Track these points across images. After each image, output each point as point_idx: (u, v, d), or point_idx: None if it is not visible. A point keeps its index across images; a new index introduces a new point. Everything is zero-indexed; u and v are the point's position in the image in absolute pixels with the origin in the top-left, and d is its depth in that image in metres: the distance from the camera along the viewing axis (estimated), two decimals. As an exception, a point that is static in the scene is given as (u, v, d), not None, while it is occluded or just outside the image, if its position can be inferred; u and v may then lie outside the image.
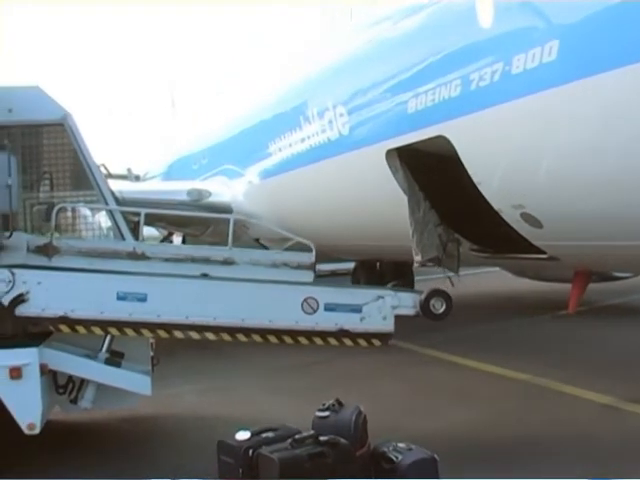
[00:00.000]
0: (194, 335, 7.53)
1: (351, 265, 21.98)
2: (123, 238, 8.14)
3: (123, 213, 8.59)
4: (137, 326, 7.45)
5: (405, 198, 9.62)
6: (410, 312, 7.74)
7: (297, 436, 5.75)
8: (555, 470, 6.54)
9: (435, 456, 5.99)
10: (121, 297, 7.31)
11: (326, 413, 6.26)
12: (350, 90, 11.22)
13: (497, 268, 16.40)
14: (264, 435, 5.95)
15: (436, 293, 7.80)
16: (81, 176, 8.20)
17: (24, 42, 68.89)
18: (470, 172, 8.43)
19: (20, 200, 8.11)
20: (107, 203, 8.19)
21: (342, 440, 5.81)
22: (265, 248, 16.33)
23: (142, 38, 73.47)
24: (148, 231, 20.22)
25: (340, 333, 7.62)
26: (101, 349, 7.76)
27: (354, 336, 7.66)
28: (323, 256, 17.91)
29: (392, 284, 8.23)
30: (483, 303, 19.59)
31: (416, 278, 20.30)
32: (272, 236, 16.12)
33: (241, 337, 7.60)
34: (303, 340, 7.69)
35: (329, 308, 7.55)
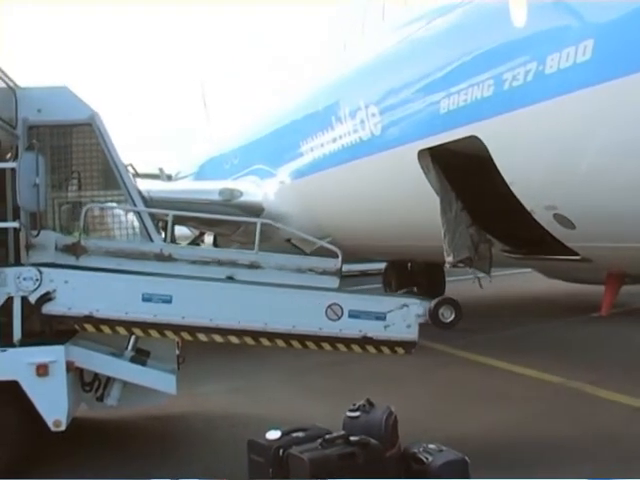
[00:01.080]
0: (217, 338, 7.56)
1: (382, 265, 21.93)
2: (151, 239, 8.18)
3: (152, 214, 8.63)
4: (161, 327, 7.48)
5: (437, 198, 9.59)
6: (419, 320, 7.69)
7: (327, 436, 5.74)
8: (587, 473, 6.47)
9: (466, 458, 5.95)
10: (146, 298, 7.37)
11: (357, 413, 6.25)
12: (382, 90, 11.19)
13: (529, 269, 16.28)
14: (294, 435, 5.95)
15: (445, 301, 7.77)
16: (108, 175, 8.24)
17: (51, 42, 69.61)
18: (502, 172, 8.38)
19: (49, 199, 8.13)
20: (134, 203, 8.21)
21: (372, 440, 5.79)
22: (297, 248, 16.35)
23: (173, 38, 73.89)
24: (179, 230, 20.37)
25: (364, 340, 7.60)
26: (127, 347, 7.82)
27: (377, 344, 7.64)
28: (354, 256, 17.96)
29: (403, 291, 8.20)
30: (515, 305, 19.46)
31: (447, 279, 20.24)
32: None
33: (264, 341, 7.61)
34: (326, 346, 7.68)
35: (353, 315, 7.53)
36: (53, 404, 7.08)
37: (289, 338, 7.58)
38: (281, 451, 5.72)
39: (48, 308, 7.29)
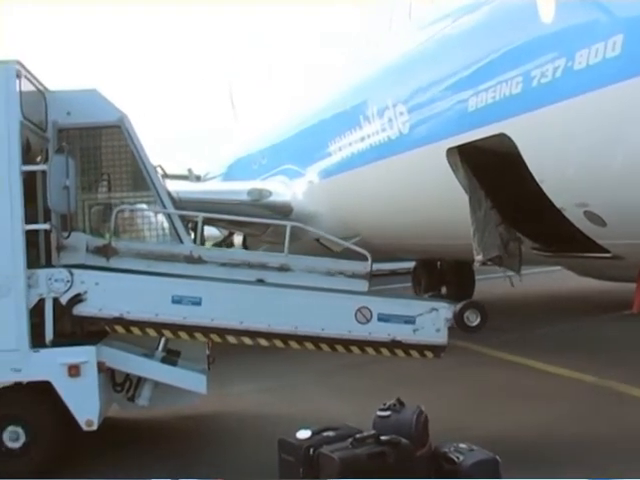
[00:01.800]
0: (247, 341, 7.56)
1: (411, 264, 21.87)
2: (181, 241, 8.20)
3: (182, 215, 8.66)
4: (191, 330, 7.52)
5: (466, 197, 9.55)
6: (447, 324, 7.65)
7: (358, 435, 5.73)
8: (619, 472, 6.41)
9: (497, 457, 5.93)
10: (176, 300, 7.41)
11: (387, 413, 6.24)
12: (410, 88, 11.18)
13: (559, 267, 16.16)
14: (325, 434, 5.95)
15: (471, 305, 7.72)
16: (138, 177, 8.27)
17: (77, 44, 70.09)
18: (532, 170, 8.33)
19: (79, 201, 8.18)
20: (164, 204, 8.23)
21: (403, 440, 5.78)
22: (326, 248, 16.36)
23: (200, 38, 74.04)
24: (208, 230, 20.44)
25: (393, 344, 7.58)
26: (157, 348, 7.87)
27: (407, 347, 7.62)
28: (383, 255, 17.93)
29: (429, 295, 8.16)
30: (545, 303, 19.34)
31: (477, 277, 20.14)
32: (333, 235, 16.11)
33: (294, 344, 7.61)
34: (355, 349, 7.66)
35: (382, 318, 7.52)
36: (85, 404, 7.16)
37: (318, 341, 7.59)
38: (311, 450, 5.72)
39: (79, 309, 7.35)
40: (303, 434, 5.94)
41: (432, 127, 10.49)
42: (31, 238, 7.41)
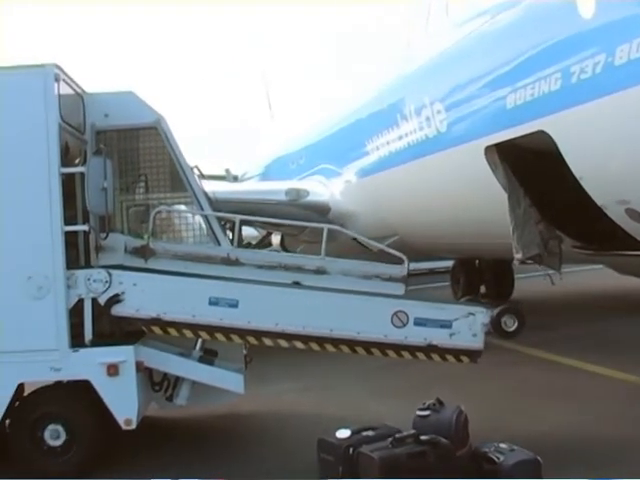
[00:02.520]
0: (283, 343, 7.59)
1: (449, 263, 21.77)
2: (218, 242, 8.23)
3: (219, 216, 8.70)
4: (227, 331, 7.57)
5: (505, 195, 9.48)
6: (484, 329, 7.60)
7: (397, 435, 5.72)
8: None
9: (538, 458, 5.87)
10: (213, 302, 7.46)
11: (427, 412, 6.21)
12: (447, 86, 11.12)
13: (600, 266, 15.99)
14: (364, 434, 5.94)
15: (508, 310, 7.67)
16: (175, 178, 8.33)
17: (113, 45, 70.65)
18: (572, 167, 8.25)
19: (117, 202, 8.29)
20: (201, 205, 8.28)
21: (443, 440, 5.75)
22: (364, 247, 16.33)
23: (237, 37, 74.37)
24: (246, 230, 20.51)
25: (429, 348, 7.54)
26: (195, 347, 7.90)
27: (443, 352, 7.58)
28: (421, 254, 17.87)
29: (466, 299, 8.09)
30: (586, 301, 19.13)
31: (516, 276, 20.00)
32: (370, 235, 16.08)
33: (329, 347, 7.62)
34: (392, 353, 7.65)
35: (419, 323, 7.49)
36: (123, 403, 7.26)
37: (354, 345, 7.58)
38: (351, 450, 5.72)
39: (117, 310, 7.44)
40: (343, 433, 5.94)
41: (470, 125, 10.42)
42: (71, 239, 7.52)
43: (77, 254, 7.84)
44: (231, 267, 7.95)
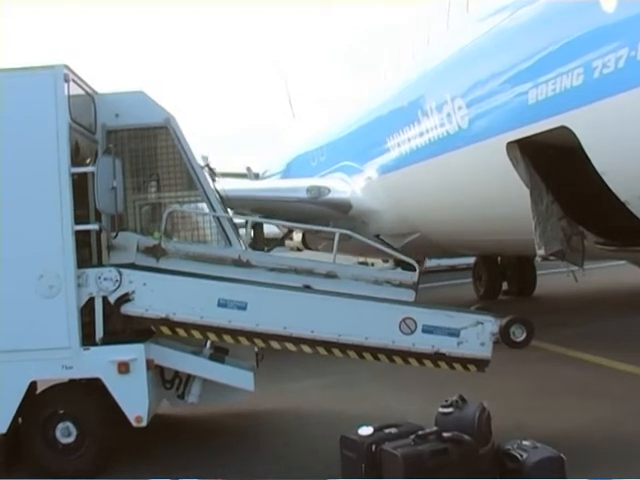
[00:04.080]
0: (290, 347, 7.60)
1: (472, 260, 21.73)
2: (230, 244, 8.25)
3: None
4: (235, 333, 7.58)
5: (527, 191, 9.44)
6: (493, 338, 7.55)
7: (420, 432, 5.70)
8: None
9: (562, 455, 5.84)
10: (222, 304, 7.49)
11: (449, 409, 6.19)
12: (468, 83, 11.08)
13: (623, 262, 15.90)
14: (387, 431, 5.93)
15: (517, 320, 7.55)
16: (185, 177, 8.38)
17: (128, 46, 70.96)
18: (594, 163, 8.20)
19: (130, 201, 8.37)
20: (211, 204, 8.30)
21: (466, 437, 5.73)
22: (386, 244, 16.32)
23: (256, 35, 74.57)
24: (268, 228, 20.54)
25: (436, 356, 7.51)
26: (205, 345, 7.92)
27: (450, 360, 7.54)
28: (443, 251, 17.83)
29: (475, 307, 8.06)
30: (609, 298, 19.00)
31: (538, 272, 19.92)
32: (392, 232, 16.08)
33: (337, 352, 7.64)
34: (398, 360, 7.63)
35: (427, 330, 7.47)
36: (134, 401, 7.34)
37: (362, 350, 7.58)
38: (374, 447, 5.71)
39: (126, 309, 7.49)
40: (365, 431, 5.93)
41: (491, 121, 10.39)
42: (83, 238, 7.62)
43: (90, 253, 7.92)
44: (242, 269, 7.95)
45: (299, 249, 25.61)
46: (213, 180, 8.95)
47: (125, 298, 7.46)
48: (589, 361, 11.21)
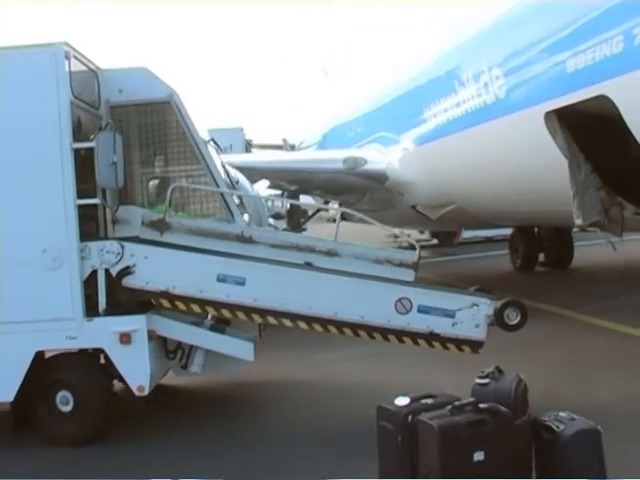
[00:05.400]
0: (287, 323, 7.72)
1: (508, 231, 21.58)
2: (233, 218, 8.30)
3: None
4: (233, 308, 7.70)
5: (565, 161, 9.35)
6: (488, 320, 7.62)
7: (456, 403, 5.70)
8: None
9: (598, 427, 5.81)
10: (221, 279, 7.61)
11: (486, 380, 6.16)
12: (506, 52, 10.98)
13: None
14: (423, 401, 5.92)
15: (512, 303, 7.58)
16: (189, 152, 8.42)
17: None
18: (634, 132, 8.09)
19: (137, 175, 8.52)
20: (214, 178, 8.35)
21: (502, 408, 5.72)
22: (422, 215, 16.30)
23: (296, 7, 74.22)
24: (305, 200, 20.57)
25: (431, 336, 7.63)
26: (206, 316, 8.09)
27: (444, 340, 7.65)
28: (479, 222, 17.73)
29: (474, 288, 8.08)
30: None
31: (575, 244, 19.75)
32: (428, 203, 16.04)
33: (332, 329, 7.74)
34: (393, 339, 7.72)
35: (422, 310, 7.57)
36: (136, 370, 7.52)
37: (357, 328, 7.68)
38: (410, 417, 5.71)
39: (128, 281, 7.63)
40: (401, 401, 5.93)
41: (529, 91, 10.29)
42: (89, 212, 7.79)
43: (97, 226, 8.08)
44: (245, 244, 8.01)
45: (335, 220, 25.66)
46: (218, 154, 9.12)
47: (126, 271, 7.61)
48: (625, 333, 11.11)
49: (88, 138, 7.75)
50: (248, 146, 26.28)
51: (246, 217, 9.15)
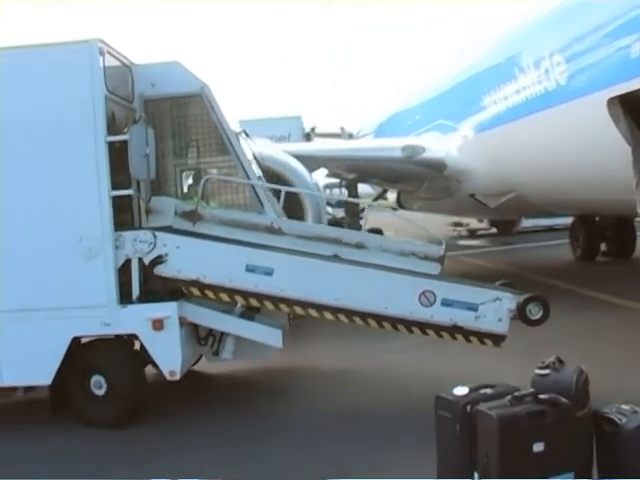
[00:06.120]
0: (313, 313, 7.96)
1: (569, 220, 21.29)
2: (263, 210, 8.48)
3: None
4: (261, 298, 7.94)
5: (628, 148, 9.18)
6: (510, 315, 7.79)
7: (516, 393, 5.65)
8: None
9: (663, 420, 5.70)
10: (250, 269, 7.86)
11: (546, 371, 6.09)
12: (567, 37, 10.81)
13: None
14: (482, 391, 5.88)
15: (535, 298, 7.71)
16: (220, 144, 8.62)
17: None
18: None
19: (171, 167, 8.82)
20: (244, 170, 8.53)
21: (563, 399, 5.65)
22: (481, 203, 16.17)
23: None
24: (362, 188, 20.55)
25: (453, 329, 7.84)
26: (236, 304, 8.24)
27: (467, 333, 7.86)
28: (540, 211, 17.52)
29: (500, 282, 8.08)
30: None
31: (639, 233, 19.41)
32: (487, 192, 15.90)
33: (358, 320, 7.96)
34: (417, 331, 7.95)
35: (446, 303, 7.77)
36: (168, 355, 7.81)
37: (381, 319, 7.90)
38: (469, 407, 5.68)
39: (160, 270, 7.92)
40: (460, 391, 5.90)
41: (591, 77, 10.12)
42: (125, 203, 8.08)
43: (132, 216, 8.36)
44: (273, 236, 8.22)
45: (393, 209, 25.61)
46: (249, 146, 9.40)
47: (159, 260, 7.91)
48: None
49: (122, 131, 8.02)
50: (311, 134, 26.42)
51: (308, 209, 9.39)
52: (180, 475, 6.05)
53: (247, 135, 9.81)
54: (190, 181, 8.99)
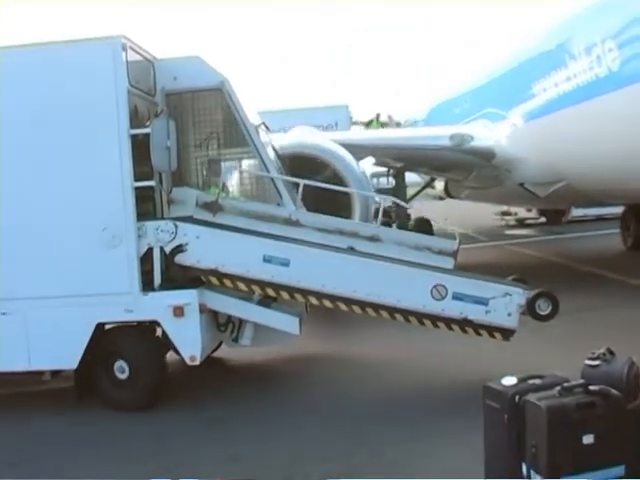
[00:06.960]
0: (327, 303, 8.24)
1: (620, 210, 20.97)
2: (282, 202, 8.65)
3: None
4: (277, 288, 8.22)
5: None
6: (520, 310, 8.01)
7: (566, 384, 5.59)
8: None
9: None
10: (267, 260, 8.12)
11: (596, 362, 6.01)
12: (620, 22, 10.63)
13: None
14: (531, 382, 5.82)
15: (544, 294, 7.90)
16: (239, 136, 8.78)
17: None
18: None
19: (193, 158, 9.09)
20: (264, 162, 8.69)
21: (613, 391, 5.57)
22: (529, 192, 15.98)
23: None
24: (410, 177, 20.45)
25: (464, 322, 8.09)
26: (254, 293, 8.47)
27: (477, 327, 8.12)
28: (590, 200, 17.28)
29: (512, 277, 8.40)
30: None
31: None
32: (537, 180, 15.73)
33: (370, 312, 8.23)
34: (428, 323, 8.20)
35: (457, 297, 8.01)
36: (188, 341, 8.09)
37: (394, 312, 8.17)
38: (517, 397, 5.63)
39: (180, 259, 8.19)
40: (509, 381, 5.85)
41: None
42: (147, 193, 8.34)
43: (154, 206, 8.61)
44: (291, 227, 8.48)
45: (441, 197, 25.46)
46: (268, 137, 9.64)
47: (179, 249, 8.14)
48: None
49: (144, 124, 8.25)
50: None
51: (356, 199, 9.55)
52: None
53: (267, 128, 10.01)
54: (210, 172, 9.19)
